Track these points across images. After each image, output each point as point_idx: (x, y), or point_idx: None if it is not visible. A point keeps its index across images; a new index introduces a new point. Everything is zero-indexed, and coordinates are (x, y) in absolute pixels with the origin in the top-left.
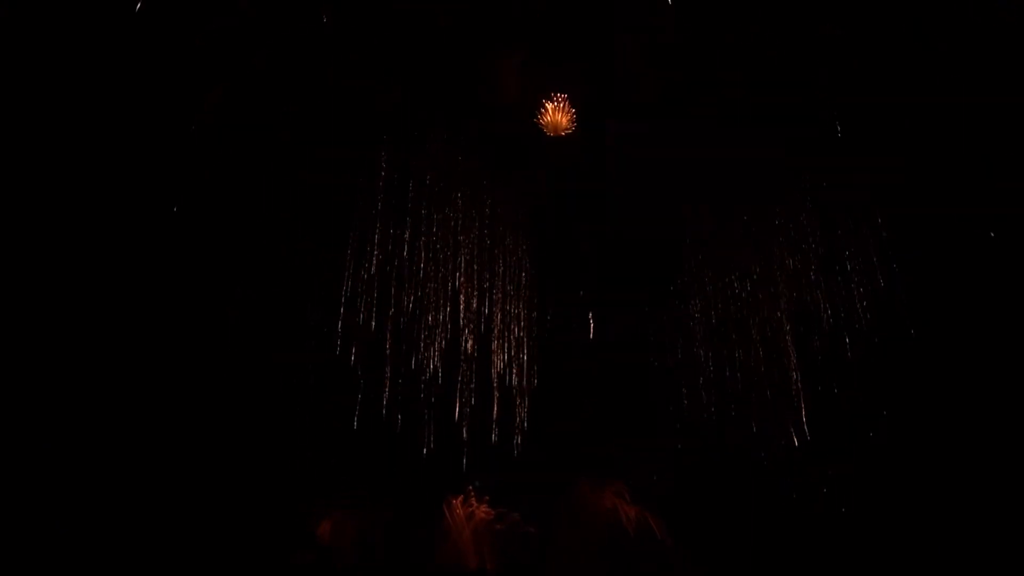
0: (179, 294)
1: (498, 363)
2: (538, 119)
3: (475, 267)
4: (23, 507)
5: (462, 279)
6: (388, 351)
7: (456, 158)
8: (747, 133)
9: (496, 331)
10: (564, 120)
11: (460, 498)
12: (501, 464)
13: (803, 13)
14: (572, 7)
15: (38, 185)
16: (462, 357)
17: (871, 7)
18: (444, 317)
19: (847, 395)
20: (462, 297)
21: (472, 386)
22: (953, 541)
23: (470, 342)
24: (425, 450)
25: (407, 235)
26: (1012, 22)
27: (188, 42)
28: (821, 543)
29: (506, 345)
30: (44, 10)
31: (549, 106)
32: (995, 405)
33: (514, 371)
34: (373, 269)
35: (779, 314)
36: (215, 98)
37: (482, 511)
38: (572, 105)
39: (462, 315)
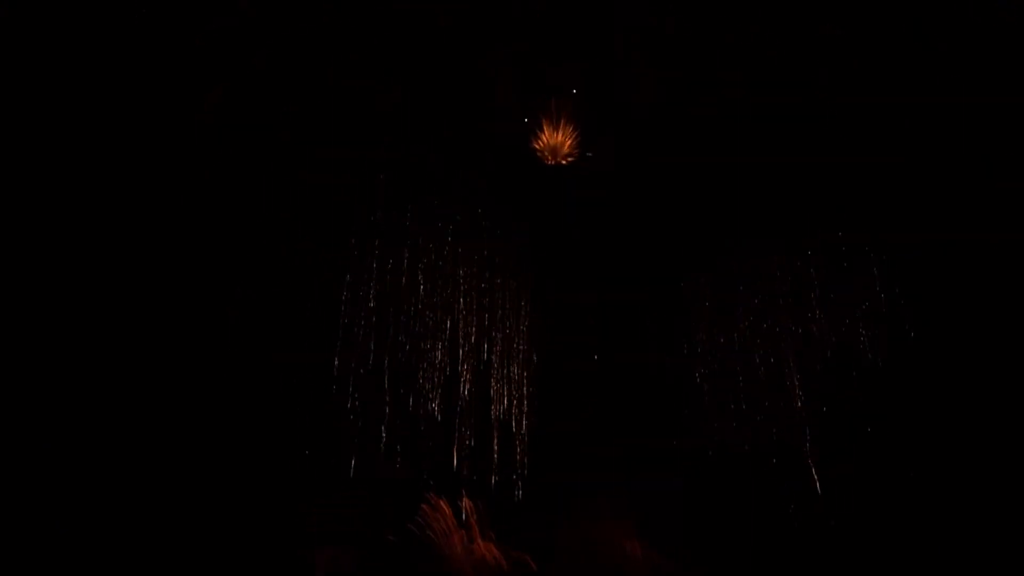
0: (179, 294)
1: (498, 383)
2: (536, 144)
3: (475, 270)
4: (23, 507)
5: (463, 289)
6: (387, 366)
7: (455, 174)
8: (747, 135)
9: (497, 348)
10: (566, 145)
11: (444, 502)
12: (502, 486)
13: (803, 13)
14: (572, 8)
15: (38, 185)
16: (461, 381)
17: (871, 7)
18: (444, 330)
19: (849, 397)
20: (462, 310)
21: (471, 419)
22: (952, 544)
23: (469, 364)
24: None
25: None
26: (1012, 22)
27: (188, 42)
28: (821, 549)
29: (507, 362)
30: (44, 10)
31: (548, 128)
32: (995, 410)
33: (515, 402)
34: (372, 286)
35: (780, 325)
36: (215, 98)
37: (485, 548)
38: (573, 124)
39: (461, 337)
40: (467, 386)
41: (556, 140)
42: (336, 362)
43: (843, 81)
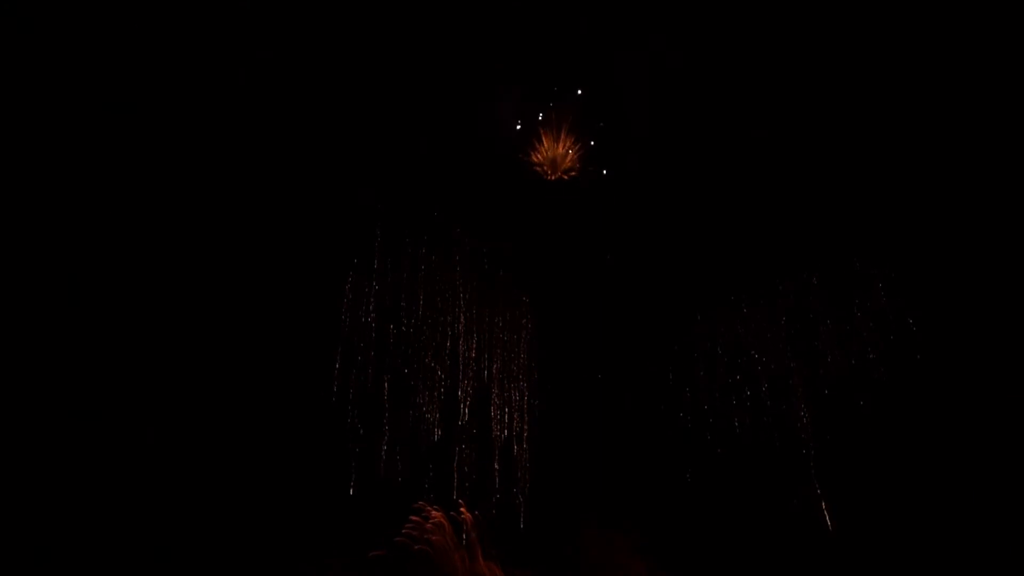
0: (180, 307)
1: (499, 401)
2: (536, 159)
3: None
4: (23, 507)
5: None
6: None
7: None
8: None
9: (496, 366)
10: (567, 158)
11: (443, 517)
12: (504, 504)
13: (803, 15)
14: (572, 37)
15: (39, 188)
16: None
17: (872, 7)
18: (444, 348)
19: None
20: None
21: (473, 435)
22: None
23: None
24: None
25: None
26: (1012, 22)
27: (188, 42)
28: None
29: (508, 380)
30: (44, 10)
31: (547, 142)
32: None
33: (516, 419)
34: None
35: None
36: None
37: (487, 567)
38: (575, 142)
39: (462, 354)
40: (468, 404)
41: (556, 153)
42: (335, 378)
43: (843, 82)
